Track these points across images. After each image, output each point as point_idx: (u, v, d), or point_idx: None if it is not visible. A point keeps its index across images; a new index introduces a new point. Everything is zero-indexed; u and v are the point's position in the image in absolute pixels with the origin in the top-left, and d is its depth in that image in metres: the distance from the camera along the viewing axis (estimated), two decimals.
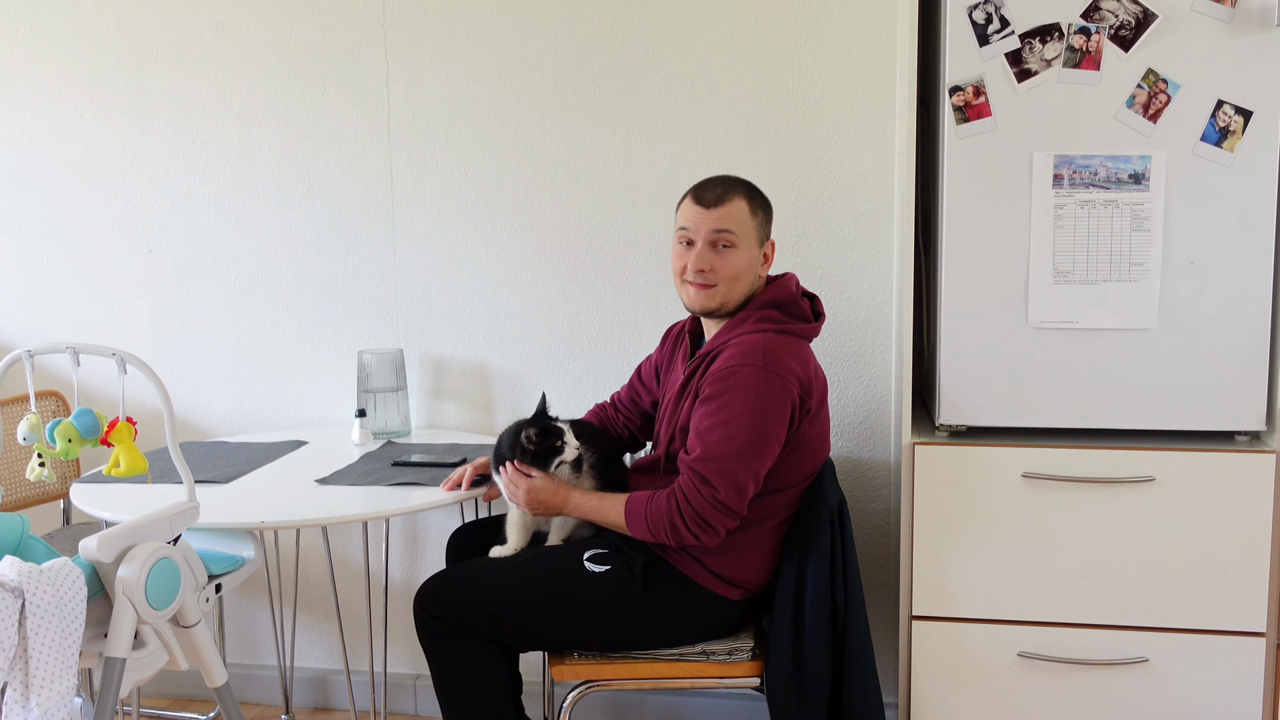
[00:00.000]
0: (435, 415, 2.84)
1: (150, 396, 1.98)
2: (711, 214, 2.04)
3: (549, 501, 2.09)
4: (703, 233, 2.04)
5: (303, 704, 2.97)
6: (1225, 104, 1.95)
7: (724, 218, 2.04)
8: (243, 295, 2.89)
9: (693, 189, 2.10)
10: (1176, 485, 2.02)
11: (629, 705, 2.79)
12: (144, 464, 1.91)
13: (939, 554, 2.10)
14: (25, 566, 1.65)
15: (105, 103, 2.87)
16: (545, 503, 2.09)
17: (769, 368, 1.95)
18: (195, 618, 1.90)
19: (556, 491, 2.09)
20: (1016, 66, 1.99)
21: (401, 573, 2.89)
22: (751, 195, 2.09)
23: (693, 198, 2.08)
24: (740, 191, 2.07)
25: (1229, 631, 2.04)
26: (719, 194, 2.05)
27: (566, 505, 2.09)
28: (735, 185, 2.08)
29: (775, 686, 1.99)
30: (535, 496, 2.08)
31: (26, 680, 1.62)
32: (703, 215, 2.05)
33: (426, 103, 2.73)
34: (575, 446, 2.10)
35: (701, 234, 2.05)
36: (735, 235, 2.04)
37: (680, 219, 2.10)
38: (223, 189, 2.86)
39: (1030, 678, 2.10)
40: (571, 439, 2.10)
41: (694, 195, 2.09)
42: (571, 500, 2.09)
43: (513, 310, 2.76)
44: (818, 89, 2.54)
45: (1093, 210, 2.00)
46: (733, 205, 2.05)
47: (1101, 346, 2.04)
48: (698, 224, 2.05)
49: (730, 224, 2.04)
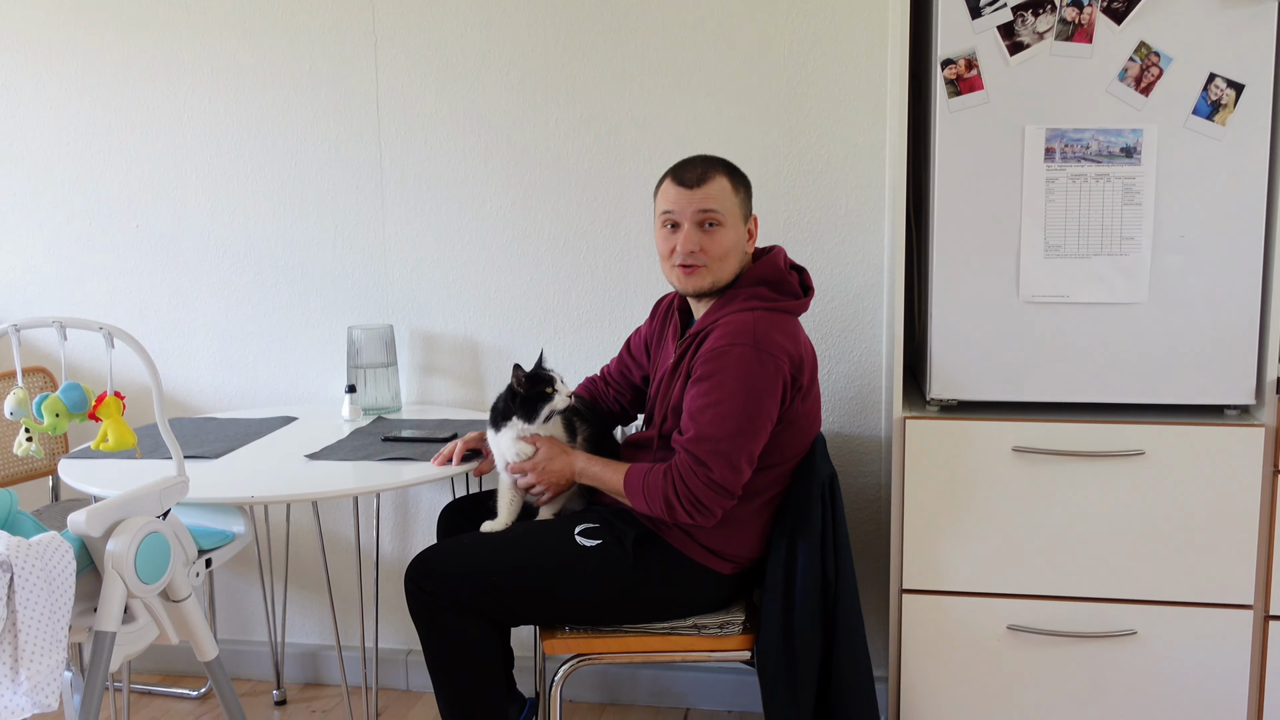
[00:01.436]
0: (425, 391, 2.83)
1: (138, 372, 1.97)
2: (695, 194, 2.03)
3: (559, 470, 2.08)
4: (688, 214, 2.03)
5: (294, 679, 2.98)
6: (1217, 77, 1.94)
7: (708, 197, 2.02)
8: (231, 271, 2.87)
9: (671, 171, 2.08)
10: (1166, 459, 2.03)
11: (620, 679, 2.80)
12: (132, 439, 1.90)
13: (929, 528, 2.11)
14: (13, 540, 1.65)
15: (89, 76, 2.85)
16: (556, 471, 2.08)
17: (760, 346, 1.94)
18: (185, 592, 1.90)
19: (561, 456, 2.08)
20: (1009, 39, 1.98)
21: (392, 548, 2.89)
22: (731, 172, 2.07)
23: (673, 179, 2.06)
24: (720, 169, 2.05)
25: (1217, 604, 2.05)
26: (700, 173, 2.04)
27: (574, 469, 2.08)
28: (714, 164, 2.06)
29: (766, 660, 2.00)
30: (546, 468, 2.08)
31: (16, 654, 1.62)
32: (686, 196, 2.03)
33: (416, 78, 2.71)
34: (568, 395, 2.09)
35: (687, 215, 2.03)
36: (720, 214, 2.02)
37: (662, 202, 2.07)
38: (209, 164, 2.83)
39: (1019, 650, 2.11)
40: (564, 387, 2.09)
41: (674, 177, 2.06)
42: (578, 464, 2.08)
43: (503, 286, 2.75)
44: (809, 62, 2.53)
45: (1084, 184, 2.00)
46: (715, 184, 2.03)
47: (1092, 321, 2.04)
48: (682, 205, 2.04)
49: (714, 203, 2.02)
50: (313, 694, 2.92)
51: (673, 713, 2.77)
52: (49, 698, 1.63)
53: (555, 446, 2.10)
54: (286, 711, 2.82)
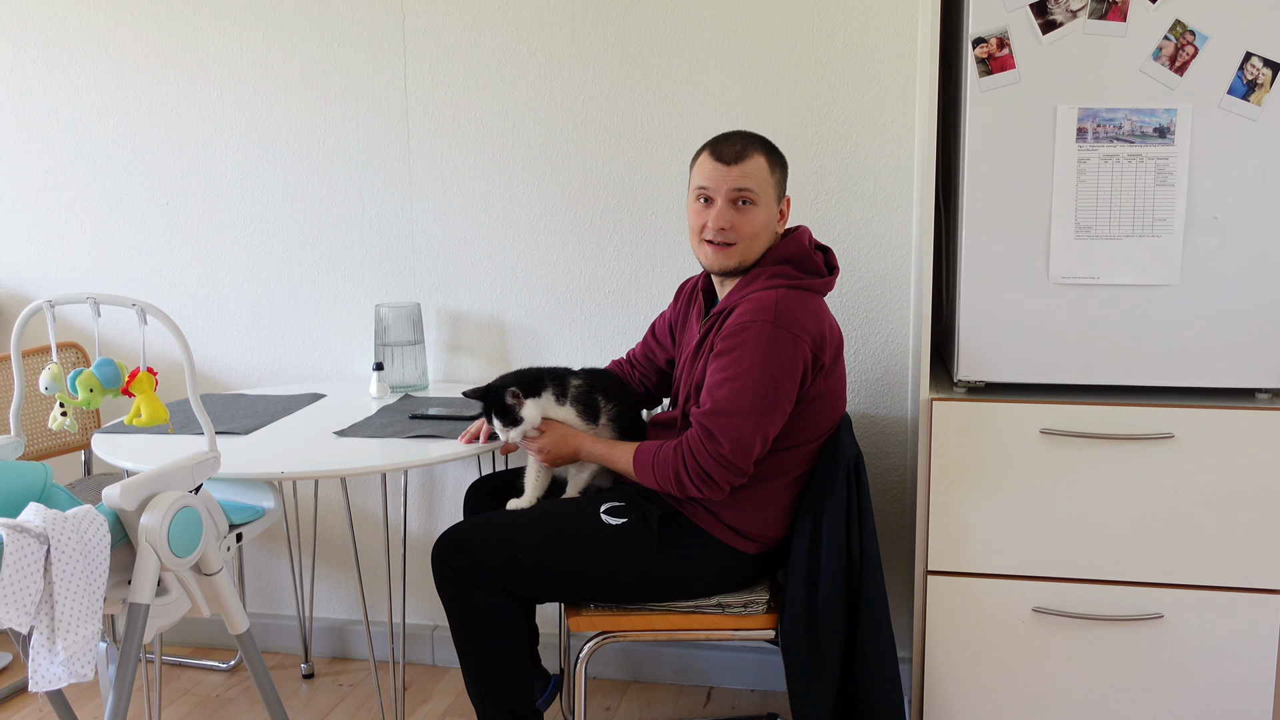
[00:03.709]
0: (452, 369, 2.85)
1: (169, 349, 2.00)
2: (732, 171, 2.02)
3: (558, 452, 2.11)
4: (723, 190, 2.02)
5: (322, 654, 3.02)
6: (1254, 56, 1.92)
7: (744, 175, 2.01)
8: (260, 249, 2.89)
9: (710, 144, 2.07)
10: (1195, 442, 2.01)
11: (644, 657, 2.82)
12: (165, 414, 1.92)
13: (955, 509, 2.11)
14: (49, 513, 1.67)
15: (121, 54, 2.86)
16: (555, 453, 2.11)
17: (780, 324, 1.94)
18: (217, 566, 1.93)
19: (564, 442, 2.10)
20: (1041, 18, 1.96)
21: (419, 524, 2.92)
22: (770, 151, 2.06)
23: (711, 153, 2.05)
24: (759, 148, 2.04)
25: (1245, 588, 2.04)
26: (739, 150, 2.02)
27: (579, 452, 2.10)
28: (754, 141, 2.05)
29: (790, 639, 2.01)
30: (545, 447, 2.11)
31: (53, 624, 1.65)
32: (723, 172, 2.02)
33: (443, 56, 2.71)
34: (534, 426, 2.09)
35: (722, 192, 2.02)
36: (755, 193, 2.02)
37: (697, 177, 2.06)
38: (240, 142, 2.85)
39: (1045, 633, 2.11)
40: (534, 414, 2.09)
41: (712, 151, 2.05)
42: (583, 448, 2.10)
43: (530, 265, 2.75)
44: (838, 41, 2.51)
45: (1116, 164, 1.98)
46: (752, 162, 2.02)
47: (1123, 302, 2.02)
48: (718, 181, 2.03)
49: (750, 182, 2.01)
50: (340, 668, 2.96)
51: (696, 691, 2.78)
52: (85, 668, 1.66)
53: (561, 431, 2.11)
54: (314, 684, 2.86)
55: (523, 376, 2.14)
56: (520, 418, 2.08)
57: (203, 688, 2.84)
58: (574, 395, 2.14)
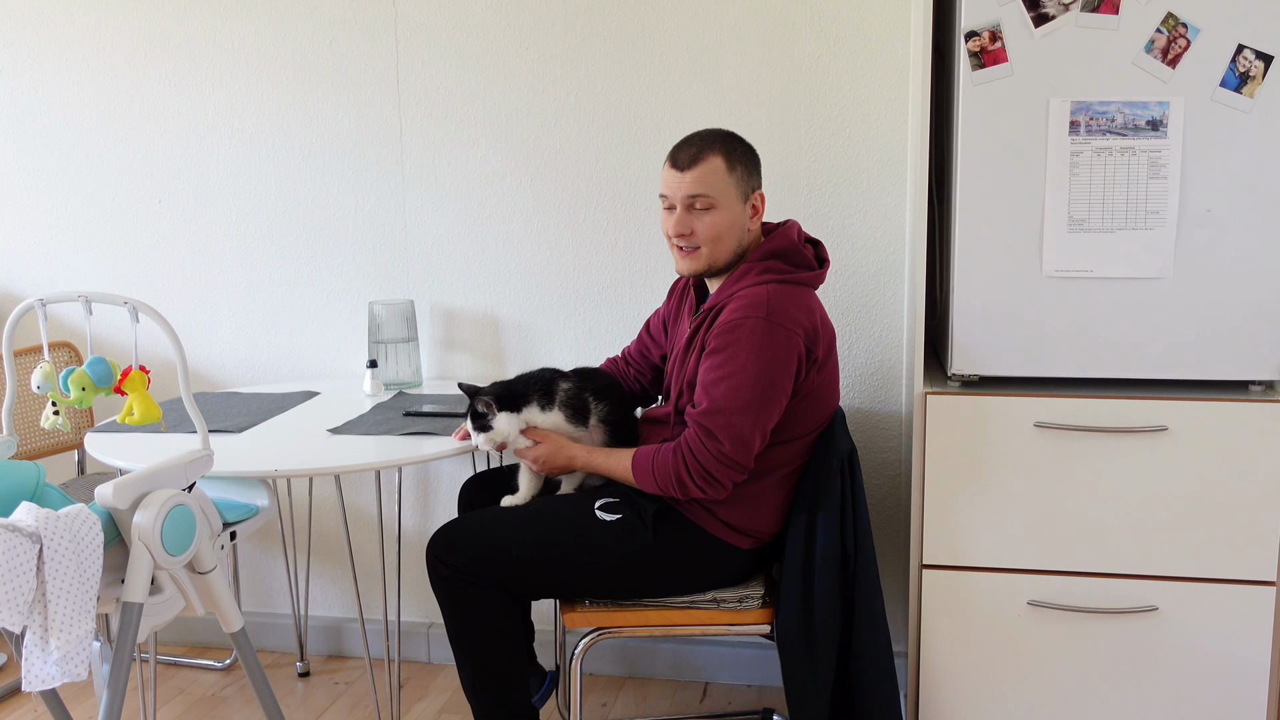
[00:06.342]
0: (446, 366, 2.84)
1: (161, 347, 1.98)
2: (685, 177, 2.01)
3: (553, 463, 2.10)
4: (679, 196, 2.02)
5: (317, 652, 3.01)
6: (1246, 49, 1.92)
7: (697, 181, 2.01)
8: (253, 246, 2.89)
9: (671, 150, 2.06)
10: (1189, 435, 2.02)
11: (640, 652, 2.82)
12: (158, 412, 1.91)
13: (950, 503, 2.11)
14: (42, 512, 1.67)
15: (111, 51, 2.85)
16: (550, 464, 2.11)
17: (773, 319, 1.94)
18: (211, 564, 1.92)
19: (558, 453, 2.10)
20: (1034, 11, 1.96)
21: (414, 522, 2.91)
22: (729, 150, 2.03)
23: (669, 159, 2.05)
24: (716, 149, 2.02)
25: (1239, 580, 2.04)
26: (693, 155, 2.01)
27: (574, 463, 2.10)
28: (710, 143, 2.03)
29: (785, 634, 2.01)
30: (539, 457, 2.10)
31: (46, 624, 1.64)
32: (677, 179, 2.02)
33: (436, 52, 2.70)
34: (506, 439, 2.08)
35: (679, 198, 2.02)
36: (712, 196, 2.01)
37: (662, 183, 2.07)
38: (231, 139, 2.84)
39: (1040, 626, 2.11)
40: (505, 427, 2.08)
41: (670, 157, 2.05)
42: (577, 458, 2.10)
43: (523, 261, 2.75)
44: (831, 35, 2.51)
45: (1109, 157, 1.98)
46: (707, 164, 2.01)
47: (1116, 295, 2.03)
48: (674, 188, 2.03)
49: (704, 186, 2.00)
50: (336, 666, 2.95)
51: (692, 686, 2.78)
52: (79, 667, 1.65)
53: (556, 443, 2.11)
54: (310, 683, 2.86)
55: (506, 389, 2.13)
56: (489, 426, 2.07)
57: (198, 687, 2.84)
58: (561, 399, 2.13)
